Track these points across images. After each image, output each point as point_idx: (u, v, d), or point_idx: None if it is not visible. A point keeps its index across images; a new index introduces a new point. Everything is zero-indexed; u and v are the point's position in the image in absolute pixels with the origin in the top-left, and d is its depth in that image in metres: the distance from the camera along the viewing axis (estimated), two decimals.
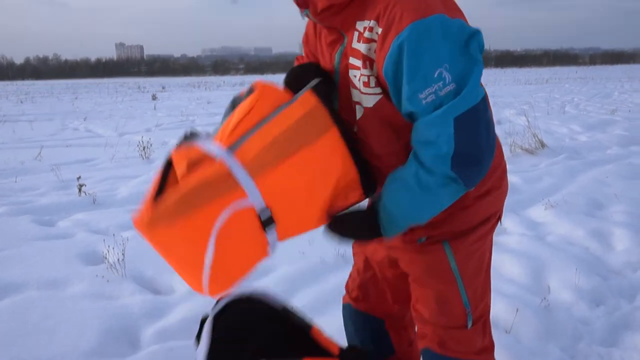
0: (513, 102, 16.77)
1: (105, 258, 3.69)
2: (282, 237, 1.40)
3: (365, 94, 1.41)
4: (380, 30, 1.33)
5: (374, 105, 1.41)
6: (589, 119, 11.54)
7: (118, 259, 3.58)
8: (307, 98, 1.41)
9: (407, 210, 1.42)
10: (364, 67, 1.38)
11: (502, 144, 6.44)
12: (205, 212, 1.28)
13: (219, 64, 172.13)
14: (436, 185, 1.36)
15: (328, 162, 1.39)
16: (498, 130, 9.63)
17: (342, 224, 1.46)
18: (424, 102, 1.29)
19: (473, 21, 1.42)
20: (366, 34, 1.36)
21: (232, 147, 1.35)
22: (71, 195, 5.66)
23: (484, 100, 1.34)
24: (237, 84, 46.33)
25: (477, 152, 1.33)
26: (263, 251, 1.38)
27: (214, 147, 1.36)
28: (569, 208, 4.80)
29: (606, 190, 5.43)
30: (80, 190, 5.54)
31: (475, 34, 1.32)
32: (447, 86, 1.28)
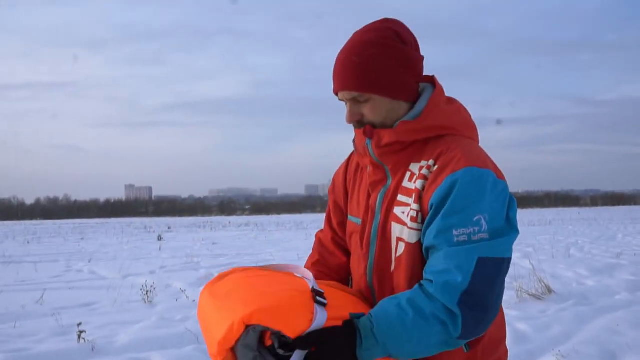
0: (517, 244, 16.79)
1: None
2: None
3: (411, 229, 1.45)
4: (436, 168, 1.43)
5: (416, 242, 1.44)
6: (595, 263, 11.49)
7: None
8: None
9: (394, 332, 1.30)
10: (415, 202, 1.44)
11: (508, 289, 6.35)
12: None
13: (226, 205, 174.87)
14: (431, 315, 1.29)
15: None
16: None
17: (320, 346, 1.26)
18: (455, 239, 1.33)
19: None
20: (423, 171, 1.45)
21: None
22: (70, 342, 5.54)
23: (509, 262, 1.37)
24: (242, 224, 46.82)
25: (487, 300, 1.31)
26: None
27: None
28: (581, 359, 4.65)
29: (618, 339, 5.29)
30: (79, 337, 5.43)
31: (513, 201, 1.42)
32: (481, 233, 1.32)
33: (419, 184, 1.45)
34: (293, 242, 20.98)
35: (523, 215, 51.77)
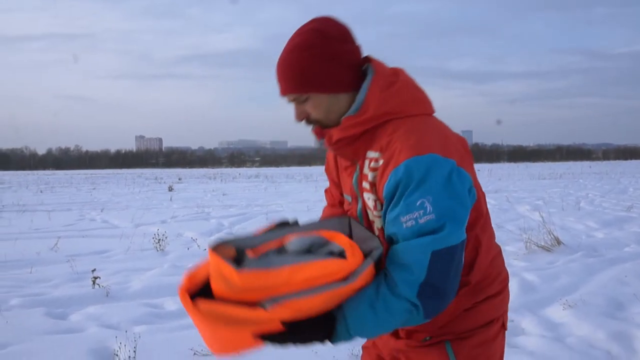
0: (527, 197, 16.80)
1: (117, 355, 3.64)
2: None
3: (376, 217, 1.57)
4: (381, 162, 1.51)
5: (381, 227, 1.55)
6: (605, 216, 11.49)
7: (129, 357, 3.53)
8: (368, 274, 1.47)
9: (364, 326, 1.45)
10: (371, 192, 1.55)
11: (517, 240, 6.39)
12: (240, 332, 1.43)
13: (235, 157, 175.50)
14: (399, 310, 1.42)
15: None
16: (512, 226, 9.63)
17: (297, 329, 1.42)
18: (404, 225, 1.42)
19: (487, 119, 1.50)
20: (372, 164, 1.55)
21: (276, 299, 1.39)
22: (85, 288, 5.66)
23: (463, 244, 1.44)
24: (252, 175, 47.01)
25: (444, 287, 1.42)
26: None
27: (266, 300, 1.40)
28: (588, 308, 4.70)
29: (626, 290, 5.33)
30: (94, 282, 5.54)
31: (462, 175, 1.46)
32: (427, 215, 1.40)
33: (370, 176, 1.54)
34: (303, 193, 21.09)
35: (534, 169, 51.57)
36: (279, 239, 1.52)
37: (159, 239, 8.07)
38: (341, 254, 1.44)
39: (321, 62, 1.53)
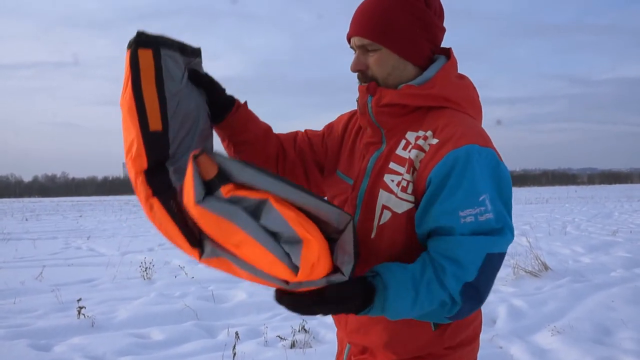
0: (514, 222, 16.80)
1: None
2: None
3: (400, 199, 1.43)
4: (435, 142, 1.40)
5: (404, 212, 1.42)
6: (591, 240, 11.56)
7: None
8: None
9: (402, 305, 1.33)
10: (408, 172, 1.42)
11: (505, 266, 6.39)
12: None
13: None
14: (437, 299, 1.33)
15: None
16: None
17: (323, 296, 1.28)
18: (462, 220, 1.32)
19: None
20: (419, 142, 1.43)
21: (217, 253, 1.31)
22: (70, 318, 5.58)
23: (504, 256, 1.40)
24: None
25: (484, 292, 1.36)
26: None
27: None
28: (576, 334, 4.71)
29: (613, 315, 5.34)
30: (79, 312, 5.47)
31: (511, 190, 1.42)
32: (487, 214, 1.32)
33: (412, 153, 1.42)
34: None
35: (520, 194, 51.84)
36: (265, 193, 1.25)
37: (146, 267, 8.00)
38: (296, 267, 1.25)
39: (413, 25, 1.47)
